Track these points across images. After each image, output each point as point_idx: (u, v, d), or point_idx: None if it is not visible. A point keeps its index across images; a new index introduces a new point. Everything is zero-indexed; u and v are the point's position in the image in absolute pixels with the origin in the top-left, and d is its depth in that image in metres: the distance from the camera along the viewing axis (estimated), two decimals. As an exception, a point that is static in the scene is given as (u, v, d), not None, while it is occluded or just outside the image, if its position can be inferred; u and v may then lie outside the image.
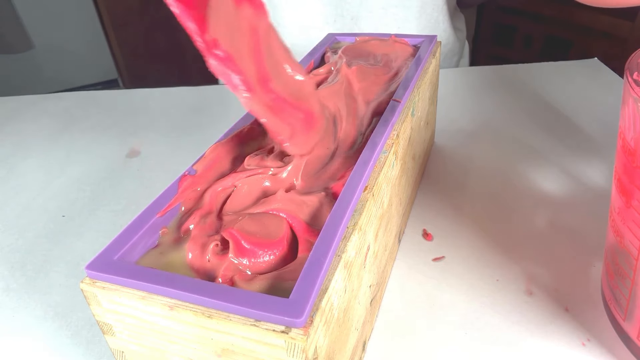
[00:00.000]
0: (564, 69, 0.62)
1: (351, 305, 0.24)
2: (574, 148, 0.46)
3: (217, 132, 0.31)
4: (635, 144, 0.23)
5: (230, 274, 0.22)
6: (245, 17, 0.25)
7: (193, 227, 0.24)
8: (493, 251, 0.35)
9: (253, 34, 0.25)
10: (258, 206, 0.25)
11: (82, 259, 0.37)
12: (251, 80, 0.24)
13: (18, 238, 0.40)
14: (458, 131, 0.50)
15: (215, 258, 0.22)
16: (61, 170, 0.49)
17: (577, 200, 0.40)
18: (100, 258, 0.22)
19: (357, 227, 0.23)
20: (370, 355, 0.29)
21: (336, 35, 0.46)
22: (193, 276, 0.22)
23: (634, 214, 0.24)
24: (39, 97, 0.64)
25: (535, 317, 0.30)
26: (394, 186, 0.31)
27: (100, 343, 0.31)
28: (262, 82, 0.25)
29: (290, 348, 0.18)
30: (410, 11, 0.63)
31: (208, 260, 0.22)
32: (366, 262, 0.26)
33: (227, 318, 0.19)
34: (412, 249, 0.36)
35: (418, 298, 0.32)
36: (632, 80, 0.23)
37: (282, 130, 0.26)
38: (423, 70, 0.38)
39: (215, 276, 0.22)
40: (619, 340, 0.28)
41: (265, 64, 0.26)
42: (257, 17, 0.26)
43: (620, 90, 0.25)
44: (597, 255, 0.34)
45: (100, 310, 0.22)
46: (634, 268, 0.25)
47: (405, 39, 0.43)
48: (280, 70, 0.27)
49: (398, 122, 0.32)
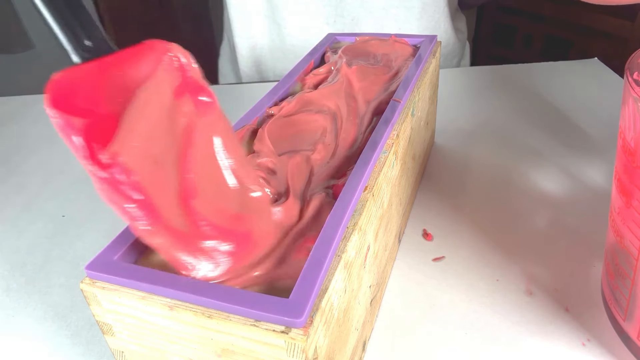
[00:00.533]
0: (564, 69, 0.62)
1: (351, 305, 0.24)
2: (574, 148, 0.46)
3: (217, 132, 0.31)
4: (636, 144, 0.23)
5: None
6: (182, 114, 0.20)
7: None
8: (493, 251, 0.35)
9: (187, 136, 0.20)
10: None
11: (82, 259, 0.37)
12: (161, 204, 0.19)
13: (18, 238, 0.40)
14: (458, 131, 0.50)
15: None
16: (61, 170, 0.49)
17: (577, 200, 0.40)
18: (100, 258, 0.22)
19: (357, 227, 0.23)
20: (370, 355, 0.29)
21: (336, 35, 0.46)
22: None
23: (634, 214, 0.24)
24: (39, 97, 0.64)
25: (535, 317, 0.30)
26: (394, 186, 0.31)
27: (100, 343, 0.31)
28: (183, 199, 0.20)
29: (290, 348, 0.18)
30: (411, 12, 0.63)
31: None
32: (366, 262, 0.26)
33: (227, 318, 0.19)
34: (412, 249, 0.36)
35: (418, 298, 0.32)
36: (632, 80, 0.23)
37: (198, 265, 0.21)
38: (423, 70, 0.38)
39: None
40: (619, 340, 0.28)
41: (194, 174, 0.21)
42: (200, 115, 0.21)
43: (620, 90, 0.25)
44: (597, 255, 0.34)
45: (100, 310, 0.22)
46: (634, 268, 0.25)
47: (405, 39, 0.43)
48: (216, 182, 0.22)
49: (398, 122, 0.32)
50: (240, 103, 0.53)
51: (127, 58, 0.19)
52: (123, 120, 0.18)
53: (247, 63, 0.69)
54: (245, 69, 0.69)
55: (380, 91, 0.36)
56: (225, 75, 0.77)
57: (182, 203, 0.20)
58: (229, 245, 0.21)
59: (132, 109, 0.18)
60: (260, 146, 0.29)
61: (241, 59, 0.69)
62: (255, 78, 0.70)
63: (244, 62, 0.69)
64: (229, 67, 0.76)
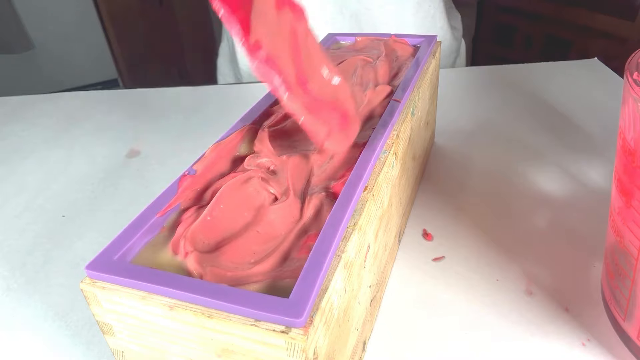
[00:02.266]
0: (564, 69, 0.62)
1: (351, 305, 0.24)
2: (574, 148, 0.46)
3: (217, 132, 0.31)
4: (635, 144, 0.23)
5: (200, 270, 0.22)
6: (285, 21, 0.26)
7: (180, 225, 0.24)
8: (493, 251, 0.35)
9: (292, 37, 0.26)
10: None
11: (82, 259, 0.37)
12: (291, 81, 0.25)
13: (18, 238, 0.40)
14: (458, 131, 0.50)
15: (184, 255, 0.22)
16: (61, 170, 0.49)
17: (577, 200, 0.40)
18: (100, 258, 0.22)
19: (357, 227, 0.23)
20: (370, 355, 0.29)
21: (336, 35, 0.46)
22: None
23: (634, 214, 0.24)
24: (39, 97, 0.64)
25: (535, 317, 0.30)
26: (394, 186, 0.31)
27: (100, 343, 0.31)
28: (300, 83, 0.26)
29: (290, 348, 0.18)
30: (406, 8, 0.63)
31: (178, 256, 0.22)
32: (366, 262, 0.26)
33: (227, 318, 0.19)
34: (412, 249, 0.36)
35: (418, 298, 0.32)
36: (632, 80, 0.23)
37: (319, 129, 0.27)
38: (423, 70, 0.38)
39: (189, 273, 0.22)
40: (619, 340, 0.28)
41: (303, 66, 0.26)
42: (296, 20, 0.26)
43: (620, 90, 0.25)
44: (597, 255, 0.34)
45: (100, 310, 0.22)
46: (634, 268, 0.25)
47: (406, 39, 0.43)
48: (317, 72, 0.28)
49: (398, 122, 0.32)
50: (240, 103, 0.53)
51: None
52: (252, 18, 0.23)
53: (247, 62, 0.69)
54: (244, 67, 0.69)
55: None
56: (224, 75, 0.77)
57: (301, 86, 0.26)
58: (337, 114, 0.28)
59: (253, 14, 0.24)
60: (260, 146, 0.29)
61: (241, 58, 0.69)
62: (255, 77, 0.70)
63: (243, 61, 0.69)
64: (228, 67, 0.76)
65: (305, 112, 0.26)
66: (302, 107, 0.25)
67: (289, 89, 0.24)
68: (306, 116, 0.26)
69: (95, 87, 1.80)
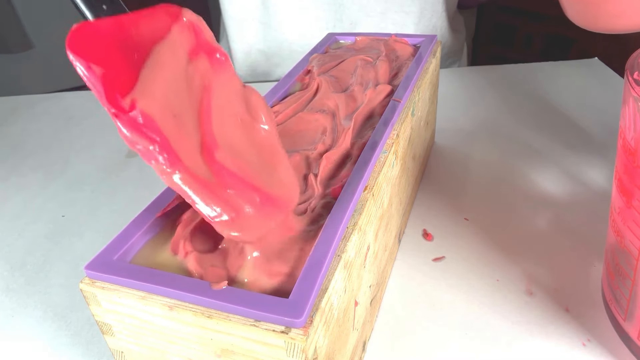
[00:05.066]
0: (564, 69, 0.62)
1: (351, 305, 0.24)
2: (574, 148, 0.46)
3: (217, 132, 0.31)
4: (636, 143, 0.23)
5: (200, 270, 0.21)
6: (198, 73, 0.21)
7: (180, 225, 0.24)
8: (493, 251, 0.35)
9: (205, 93, 0.21)
10: None
11: (82, 259, 0.37)
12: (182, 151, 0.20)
13: (18, 238, 0.40)
14: (458, 131, 0.50)
15: (183, 255, 0.22)
16: (61, 170, 0.49)
17: (578, 200, 0.40)
18: (100, 258, 0.22)
19: (357, 227, 0.23)
20: (370, 355, 0.29)
21: (336, 35, 0.46)
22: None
23: (635, 214, 0.24)
24: (39, 97, 0.64)
25: (536, 317, 0.30)
26: (394, 186, 0.31)
27: (100, 343, 0.31)
28: (205, 151, 0.21)
29: (290, 348, 0.18)
30: (409, 16, 0.63)
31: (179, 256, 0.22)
32: (366, 262, 0.26)
33: (227, 318, 0.19)
34: (412, 249, 0.36)
35: (418, 298, 0.32)
36: (632, 80, 0.23)
37: (220, 213, 0.21)
38: (423, 70, 0.38)
39: (189, 273, 0.22)
40: (619, 341, 0.28)
41: (215, 128, 0.21)
42: (214, 72, 0.22)
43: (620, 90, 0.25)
44: (597, 255, 0.34)
45: (99, 310, 0.22)
46: (635, 268, 0.25)
47: (406, 39, 0.43)
48: (238, 135, 0.23)
49: (398, 122, 0.32)
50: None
51: (141, 18, 0.20)
52: (141, 74, 0.19)
53: (242, 67, 0.69)
54: (240, 72, 0.70)
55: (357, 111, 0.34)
56: None
57: (205, 154, 0.21)
58: (252, 200, 0.22)
59: (150, 64, 0.19)
60: None
61: (236, 63, 0.69)
62: (254, 78, 0.70)
63: (238, 67, 0.69)
64: None
65: (199, 190, 0.20)
66: (195, 183, 0.20)
67: (172, 160, 0.19)
68: (200, 194, 0.20)
69: (95, 87, 1.79)
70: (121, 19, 0.20)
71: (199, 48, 0.21)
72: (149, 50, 0.20)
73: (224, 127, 0.22)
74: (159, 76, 0.19)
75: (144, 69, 0.19)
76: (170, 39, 0.20)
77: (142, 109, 0.18)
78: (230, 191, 0.21)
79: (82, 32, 0.18)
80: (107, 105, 0.18)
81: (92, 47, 0.18)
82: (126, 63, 0.19)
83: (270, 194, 0.22)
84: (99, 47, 0.19)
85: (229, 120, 0.22)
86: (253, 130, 0.23)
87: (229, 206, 0.21)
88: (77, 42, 0.18)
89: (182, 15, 0.21)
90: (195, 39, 0.21)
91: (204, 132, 0.21)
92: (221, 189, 0.21)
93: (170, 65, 0.20)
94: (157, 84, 0.19)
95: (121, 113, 0.18)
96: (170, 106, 0.20)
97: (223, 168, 0.21)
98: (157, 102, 0.19)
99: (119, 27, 0.19)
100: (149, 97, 0.19)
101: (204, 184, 0.20)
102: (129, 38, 0.19)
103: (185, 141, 0.20)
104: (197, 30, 0.22)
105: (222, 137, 0.22)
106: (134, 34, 0.20)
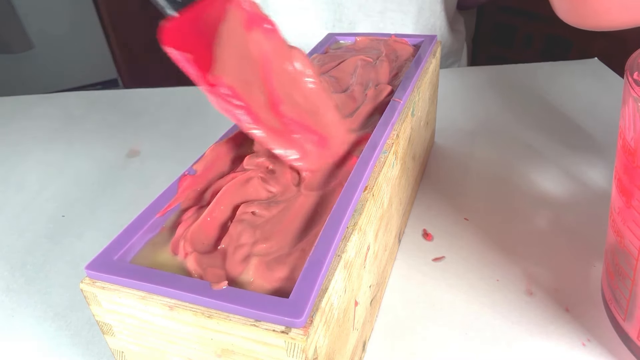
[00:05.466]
0: (564, 69, 0.62)
1: (351, 305, 0.24)
2: (574, 148, 0.46)
3: (217, 132, 0.31)
4: (636, 144, 0.23)
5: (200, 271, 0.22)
6: (255, 43, 0.25)
7: (180, 225, 0.24)
8: (493, 251, 0.35)
9: (263, 59, 0.25)
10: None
11: (82, 259, 0.37)
12: (258, 111, 0.24)
13: (18, 238, 0.40)
14: (458, 131, 0.50)
15: (183, 255, 0.22)
16: (61, 170, 0.49)
17: (577, 200, 0.40)
18: (100, 258, 0.22)
19: (357, 227, 0.23)
20: (370, 355, 0.29)
21: (336, 35, 0.46)
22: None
23: (634, 214, 0.24)
24: (39, 97, 0.64)
25: (536, 317, 0.30)
26: (394, 186, 0.31)
27: (100, 343, 0.31)
28: (272, 106, 0.25)
29: (290, 348, 0.18)
30: (407, 16, 0.63)
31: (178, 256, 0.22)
32: (366, 262, 0.26)
33: (227, 318, 0.19)
34: (412, 249, 0.36)
35: (418, 298, 0.32)
36: (632, 80, 0.23)
37: (292, 154, 0.26)
38: (423, 70, 0.38)
39: (188, 273, 0.22)
40: (619, 341, 0.28)
41: (275, 87, 0.26)
42: (267, 40, 0.26)
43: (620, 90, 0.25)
44: (597, 255, 0.34)
45: (100, 310, 0.22)
46: (634, 268, 0.25)
47: (406, 39, 0.43)
48: (294, 90, 0.27)
49: (398, 122, 0.32)
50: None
51: (206, 4, 0.24)
52: (216, 53, 0.23)
53: None
54: None
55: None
56: None
57: (273, 109, 0.25)
58: (313, 135, 0.27)
59: (219, 43, 0.23)
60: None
61: None
62: None
63: None
64: None
65: (275, 139, 0.25)
66: (271, 134, 0.25)
67: (255, 120, 0.24)
68: (276, 144, 0.25)
69: (95, 87, 1.80)
70: (193, 9, 0.23)
71: (251, 21, 0.25)
72: (216, 30, 0.23)
73: (282, 84, 0.26)
74: (229, 52, 0.23)
75: (217, 48, 0.23)
76: (229, 18, 0.24)
77: (226, 83, 0.23)
78: (295, 135, 0.26)
79: (170, 27, 0.22)
80: (204, 84, 0.22)
81: (180, 38, 0.22)
82: (204, 45, 0.23)
83: (323, 134, 0.28)
84: (184, 37, 0.22)
85: (284, 78, 0.27)
86: (303, 84, 0.28)
87: (296, 147, 0.26)
88: (169, 37, 0.22)
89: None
90: (246, 14, 0.25)
91: (269, 91, 0.25)
92: (289, 134, 0.26)
93: (234, 41, 0.24)
94: (230, 59, 0.23)
95: (212, 88, 0.22)
96: (242, 75, 0.24)
97: (287, 118, 0.26)
98: (234, 75, 0.23)
99: (194, 16, 0.23)
100: (228, 71, 0.23)
101: (277, 133, 0.25)
102: (201, 24, 0.23)
103: (257, 101, 0.24)
104: (247, 5, 0.25)
105: (283, 93, 0.26)
106: (204, 19, 0.23)
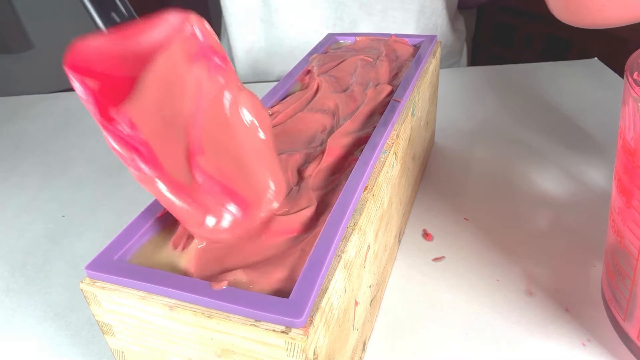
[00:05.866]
0: (564, 69, 0.62)
1: (351, 305, 0.24)
2: (574, 148, 0.46)
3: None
4: (636, 144, 0.23)
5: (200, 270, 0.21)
6: (194, 78, 0.21)
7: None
8: (493, 251, 0.35)
9: (198, 98, 0.21)
10: None
11: (82, 259, 0.37)
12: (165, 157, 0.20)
13: (18, 238, 0.40)
14: (458, 131, 0.50)
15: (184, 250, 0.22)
16: (61, 170, 0.49)
17: (577, 200, 0.40)
18: (100, 258, 0.22)
19: (357, 227, 0.23)
20: (370, 355, 0.29)
21: (336, 35, 0.46)
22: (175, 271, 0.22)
23: (634, 214, 0.24)
24: (39, 97, 0.64)
25: (535, 317, 0.30)
26: (394, 186, 0.31)
27: (100, 343, 0.31)
28: (189, 156, 0.21)
29: (290, 348, 0.18)
30: (409, 14, 0.63)
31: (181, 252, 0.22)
32: (366, 262, 0.26)
33: (227, 318, 0.19)
34: (412, 249, 0.36)
35: (418, 298, 0.32)
36: (632, 80, 0.23)
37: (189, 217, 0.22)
38: (423, 70, 0.38)
39: (188, 269, 0.22)
40: (619, 340, 0.28)
41: (202, 133, 0.22)
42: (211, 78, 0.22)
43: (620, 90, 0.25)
44: (597, 255, 0.34)
45: (100, 310, 0.22)
46: (634, 268, 0.25)
47: (406, 39, 0.43)
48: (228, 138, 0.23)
49: (398, 122, 0.32)
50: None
51: (145, 27, 0.21)
52: (137, 84, 0.19)
53: (243, 66, 0.69)
54: (241, 71, 0.70)
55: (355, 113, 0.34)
56: None
57: (190, 158, 0.21)
58: (229, 205, 0.22)
59: (147, 73, 0.19)
60: None
61: (237, 61, 0.69)
62: (254, 78, 0.70)
63: (239, 65, 0.69)
64: None
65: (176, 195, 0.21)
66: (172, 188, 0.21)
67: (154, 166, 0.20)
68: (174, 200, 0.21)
69: (95, 87, 1.79)
70: (123, 30, 0.20)
71: (199, 53, 0.22)
72: (150, 58, 0.20)
73: (213, 131, 0.22)
74: (154, 84, 0.20)
75: (142, 77, 0.19)
76: (172, 48, 0.20)
77: (131, 117, 0.19)
78: (206, 195, 0.22)
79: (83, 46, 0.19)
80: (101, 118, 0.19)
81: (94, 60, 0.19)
82: (125, 72, 0.19)
83: (247, 199, 0.23)
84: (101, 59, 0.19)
85: (218, 125, 0.22)
86: (242, 135, 0.23)
87: (201, 209, 0.22)
88: (76, 57, 0.19)
89: (185, 22, 0.21)
90: (196, 44, 0.21)
91: (192, 137, 0.21)
92: (197, 193, 0.22)
93: (167, 72, 0.20)
94: (152, 93, 0.19)
95: (109, 123, 0.19)
96: (161, 112, 0.20)
97: (203, 172, 0.22)
98: (149, 111, 0.19)
99: (121, 39, 0.20)
100: (143, 106, 0.19)
101: (180, 189, 0.21)
102: (131, 48, 0.20)
103: (171, 147, 0.20)
104: (201, 35, 0.22)
105: (210, 142, 0.22)
106: (136, 43, 0.20)
